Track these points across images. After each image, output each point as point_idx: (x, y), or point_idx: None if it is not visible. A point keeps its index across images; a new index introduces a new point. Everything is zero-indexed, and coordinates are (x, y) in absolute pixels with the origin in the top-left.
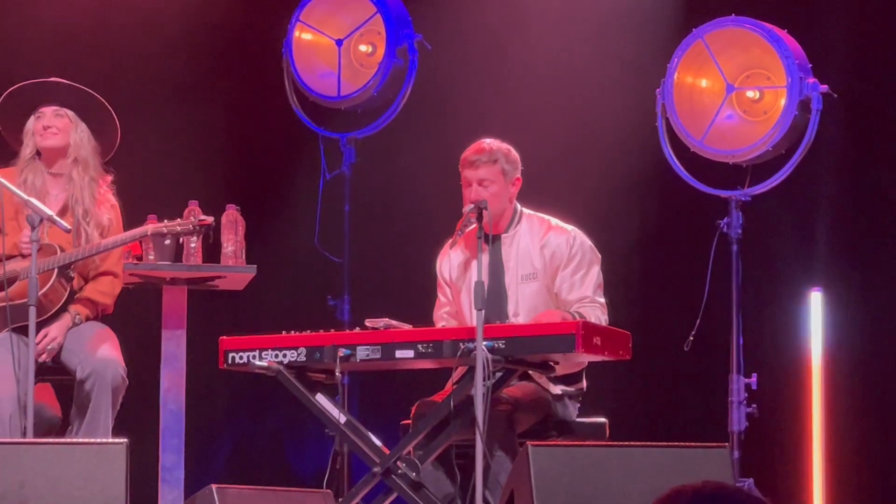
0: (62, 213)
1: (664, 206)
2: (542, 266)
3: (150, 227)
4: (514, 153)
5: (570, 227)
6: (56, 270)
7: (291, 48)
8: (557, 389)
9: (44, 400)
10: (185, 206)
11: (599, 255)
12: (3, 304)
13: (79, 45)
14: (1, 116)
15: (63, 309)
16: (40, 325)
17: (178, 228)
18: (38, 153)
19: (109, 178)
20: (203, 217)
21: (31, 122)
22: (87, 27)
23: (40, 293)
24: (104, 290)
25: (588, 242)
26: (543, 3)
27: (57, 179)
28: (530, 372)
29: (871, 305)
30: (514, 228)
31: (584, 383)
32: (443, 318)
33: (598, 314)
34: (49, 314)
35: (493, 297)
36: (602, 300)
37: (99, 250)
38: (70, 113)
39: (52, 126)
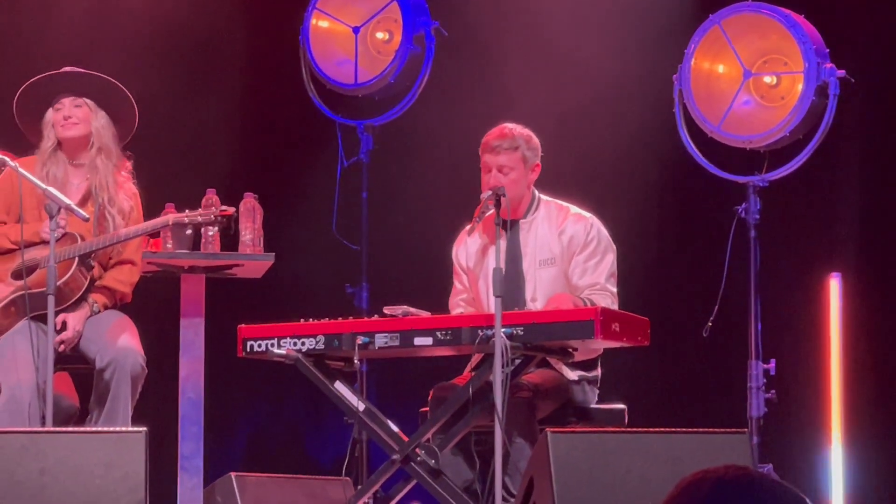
0: (83, 201)
1: (682, 192)
2: (560, 252)
3: (171, 216)
4: (535, 139)
5: (588, 215)
6: (77, 259)
7: (308, 36)
8: (574, 375)
9: (62, 390)
10: (203, 194)
11: (615, 247)
12: (23, 292)
13: (95, 34)
14: (18, 110)
15: (83, 297)
16: (60, 314)
17: (200, 219)
18: (59, 143)
19: (129, 163)
20: (224, 207)
21: (49, 114)
22: (103, 17)
23: (61, 282)
24: (122, 279)
25: (605, 232)
26: None
27: (78, 169)
28: (548, 358)
29: (889, 291)
30: (532, 214)
31: (599, 370)
32: (459, 305)
33: (608, 303)
34: (69, 303)
35: (511, 283)
36: (613, 289)
37: (120, 239)
38: (89, 101)
39: (73, 116)
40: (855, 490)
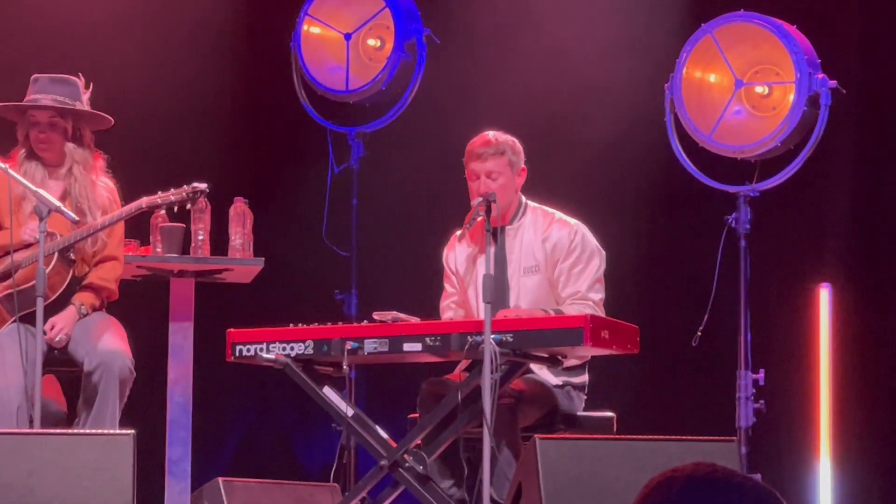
0: (62, 200)
1: (672, 201)
2: (543, 259)
3: (144, 199)
4: (518, 144)
5: (573, 221)
6: (56, 254)
7: (300, 42)
8: (558, 380)
9: (49, 394)
10: None
11: (603, 252)
12: (10, 290)
13: (85, 39)
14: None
15: (66, 294)
16: (44, 311)
17: (173, 198)
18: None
19: (102, 161)
20: (196, 183)
21: (25, 121)
22: (94, 21)
23: None
24: (105, 276)
25: (590, 237)
26: None
27: (55, 170)
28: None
29: (879, 301)
30: (518, 220)
31: (587, 376)
32: (450, 307)
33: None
34: (51, 299)
35: (497, 290)
36: (597, 296)
37: (97, 229)
38: (62, 119)
39: (48, 138)
40: (843, 500)
